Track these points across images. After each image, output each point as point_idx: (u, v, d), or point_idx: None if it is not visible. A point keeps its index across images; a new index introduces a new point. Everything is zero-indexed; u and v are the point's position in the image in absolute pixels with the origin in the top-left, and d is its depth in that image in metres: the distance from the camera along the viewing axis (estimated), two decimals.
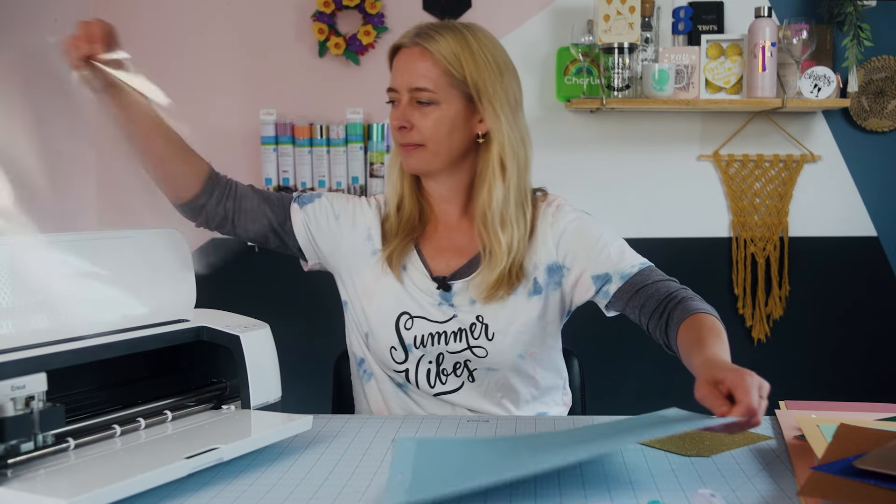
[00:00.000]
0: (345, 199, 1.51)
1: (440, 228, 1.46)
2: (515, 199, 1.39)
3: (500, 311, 1.39)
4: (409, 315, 1.41)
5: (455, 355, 1.40)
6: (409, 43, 1.37)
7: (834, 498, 0.84)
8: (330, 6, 2.64)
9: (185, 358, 1.23)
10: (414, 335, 1.40)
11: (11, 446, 0.90)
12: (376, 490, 0.94)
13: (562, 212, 1.44)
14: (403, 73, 1.37)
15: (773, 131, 2.69)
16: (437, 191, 1.45)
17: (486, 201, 1.38)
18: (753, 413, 0.96)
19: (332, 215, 1.47)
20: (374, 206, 1.50)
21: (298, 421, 1.10)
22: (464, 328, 1.39)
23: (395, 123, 1.38)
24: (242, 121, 2.74)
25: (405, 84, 1.37)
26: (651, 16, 2.59)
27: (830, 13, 2.59)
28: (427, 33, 1.36)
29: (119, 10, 2.73)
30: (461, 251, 1.44)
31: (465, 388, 1.41)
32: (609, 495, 0.92)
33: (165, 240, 1.27)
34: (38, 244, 1.08)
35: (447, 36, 1.36)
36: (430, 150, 1.38)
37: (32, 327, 1.04)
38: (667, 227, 2.72)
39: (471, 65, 1.35)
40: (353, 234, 1.46)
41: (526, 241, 1.41)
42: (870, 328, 2.72)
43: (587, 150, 2.70)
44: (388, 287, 1.42)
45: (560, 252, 1.42)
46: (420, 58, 1.36)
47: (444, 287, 1.40)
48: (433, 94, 1.35)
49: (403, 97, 1.37)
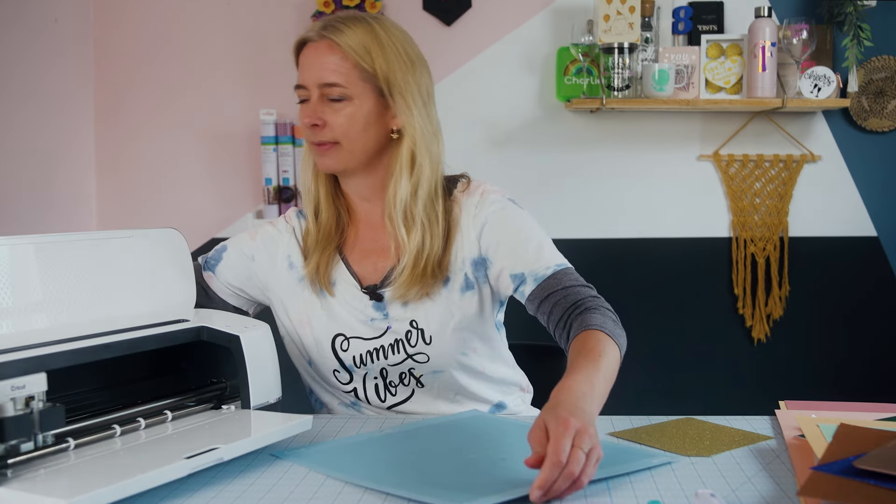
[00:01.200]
0: (249, 236, 1.45)
1: (363, 230, 1.41)
2: (426, 195, 1.34)
3: (432, 313, 1.34)
4: (344, 336, 1.36)
5: (397, 367, 1.36)
6: (316, 37, 1.32)
7: (834, 498, 0.84)
8: (330, 6, 2.64)
9: (185, 358, 1.23)
10: (352, 355, 1.36)
11: (11, 446, 0.90)
12: (376, 490, 0.94)
13: (486, 201, 1.37)
14: (311, 68, 1.31)
15: (773, 131, 2.69)
16: (356, 190, 1.40)
17: (392, 198, 1.33)
18: (557, 464, 0.87)
19: (246, 258, 1.43)
20: (286, 229, 1.44)
21: (298, 421, 1.10)
22: (399, 338, 1.35)
23: (306, 121, 1.32)
24: (242, 121, 2.74)
25: (314, 80, 1.31)
26: (651, 16, 2.59)
27: (830, 13, 2.59)
28: (334, 26, 1.31)
29: (119, 10, 2.73)
30: (387, 252, 1.38)
31: (416, 395, 1.38)
32: (609, 495, 0.92)
33: (165, 240, 1.26)
34: (38, 244, 1.07)
35: (355, 28, 1.31)
36: (346, 147, 1.32)
37: (32, 327, 1.04)
38: (667, 227, 2.72)
39: (380, 57, 1.31)
40: (273, 268, 1.42)
41: (440, 237, 1.35)
42: (870, 328, 2.72)
43: (587, 150, 2.70)
44: (318, 311, 1.37)
45: (483, 245, 1.36)
46: (328, 51, 1.30)
47: (377, 297, 1.36)
48: (344, 88, 1.30)
49: (313, 94, 1.31)
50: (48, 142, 2.54)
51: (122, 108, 2.77)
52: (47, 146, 2.54)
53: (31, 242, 1.07)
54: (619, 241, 2.72)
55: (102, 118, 2.79)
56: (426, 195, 1.34)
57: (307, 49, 1.33)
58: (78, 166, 2.72)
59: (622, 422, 1.21)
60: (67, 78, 2.65)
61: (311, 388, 1.47)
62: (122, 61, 2.76)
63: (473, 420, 1.24)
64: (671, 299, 2.71)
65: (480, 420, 1.24)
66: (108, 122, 2.78)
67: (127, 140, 2.78)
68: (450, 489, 0.93)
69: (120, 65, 2.76)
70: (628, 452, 1.07)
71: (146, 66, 2.77)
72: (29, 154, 2.45)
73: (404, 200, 1.33)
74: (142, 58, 2.77)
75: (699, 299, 2.72)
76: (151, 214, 2.77)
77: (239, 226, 2.72)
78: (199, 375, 1.22)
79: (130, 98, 2.77)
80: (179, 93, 2.77)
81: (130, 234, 1.22)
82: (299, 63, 1.35)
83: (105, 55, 2.76)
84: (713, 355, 2.70)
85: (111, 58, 2.76)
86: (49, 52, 2.53)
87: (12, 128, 2.38)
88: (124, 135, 2.78)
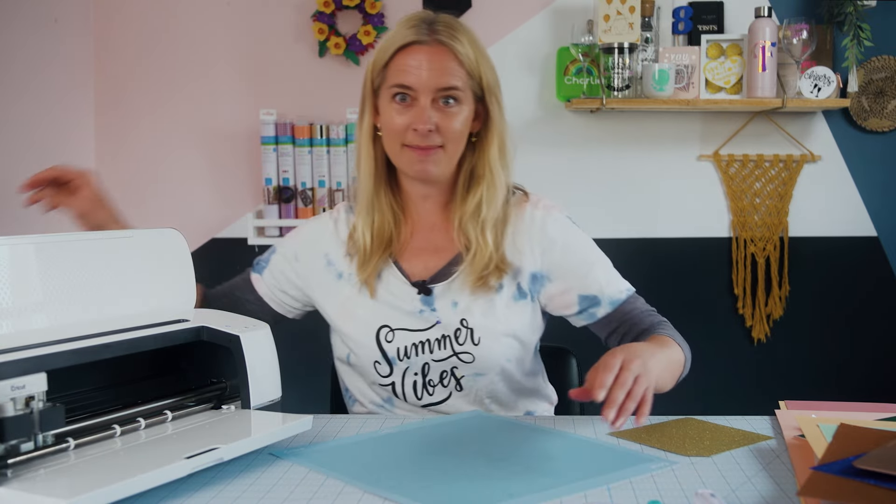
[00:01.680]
0: (295, 236, 1.48)
1: (415, 229, 1.42)
2: (503, 198, 1.38)
3: (485, 315, 1.35)
4: (390, 327, 1.36)
5: (441, 363, 1.36)
6: (429, 40, 1.31)
7: (834, 498, 0.84)
8: (330, 6, 2.64)
9: (185, 358, 1.23)
10: (396, 347, 1.36)
11: (11, 446, 0.90)
12: (377, 491, 0.94)
13: (550, 217, 1.40)
14: (428, 71, 1.30)
15: (773, 131, 2.69)
16: (422, 191, 1.40)
17: (482, 201, 1.35)
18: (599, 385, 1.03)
19: (291, 259, 1.45)
20: (330, 225, 1.45)
21: (298, 421, 1.10)
22: (447, 334, 1.35)
23: (421, 127, 1.30)
24: (242, 121, 2.74)
25: (430, 83, 1.30)
26: (651, 16, 2.59)
27: (830, 13, 2.59)
28: (445, 31, 1.32)
29: (119, 9, 2.74)
30: (439, 252, 1.39)
31: (452, 397, 1.38)
32: (609, 495, 0.92)
33: (165, 240, 1.26)
34: (38, 244, 1.07)
35: (465, 32, 1.33)
36: (448, 152, 1.33)
37: (32, 327, 1.04)
38: (667, 227, 2.72)
39: (483, 63, 1.34)
40: (315, 267, 1.44)
41: (502, 240, 1.37)
42: (870, 328, 2.72)
43: (587, 150, 2.70)
44: (363, 304, 1.38)
45: (546, 262, 1.38)
46: (445, 55, 1.31)
47: (425, 291, 1.36)
48: (460, 93, 1.32)
49: (424, 97, 1.30)
50: (48, 142, 2.54)
51: (122, 108, 2.77)
52: (47, 146, 2.54)
53: (31, 242, 1.07)
54: (619, 241, 2.71)
55: (102, 118, 2.79)
56: (503, 198, 1.37)
57: (416, 51, 1.31)
58: (78, 166, 2.72)
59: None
60: (67, 77, 2.65)
61: (347, 385, 1.47)
62: (121, 61, 2.76)
63: (474, 420, 1.24)
64: (671, 299, 2.70)
65: (481, 420, 1.24)
66: (107, 121, 2.78)
67: (127, 140, 2.78)
68: (449, 491, 0.93)
69: (120, 65, 2.76)
70: (627, 457, 1.07)
71: (146, 66, 2.77)
72: (29, 154, 2.45)
73: (492, 203, 1.35)
74: (141, 58, 2.77)
75: (699, 299, 2.72)
76: (151, 214, 2.76)
77: (239, 226, 2.72)
78: (199, 375, 1.22)
79: (130, 98, 2.77)
80: (179, 93, 2.77)
81: (130, 234, 1.22)
82: (401, 64, 1.31)
83: (105, 55, 2.76)
84: (713, 355, 2.70)
85: (111, 57, 2.76)
86: (49, 52, 2.53)
87: (12, 127, 2.38)
88: (124, 135, 2.78)
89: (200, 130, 2.77)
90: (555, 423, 1.25)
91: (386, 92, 1.34)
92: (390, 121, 1.33)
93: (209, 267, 2.74)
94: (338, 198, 2.66)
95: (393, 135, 1.34)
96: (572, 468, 1.01)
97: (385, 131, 1.36)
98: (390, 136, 1.34)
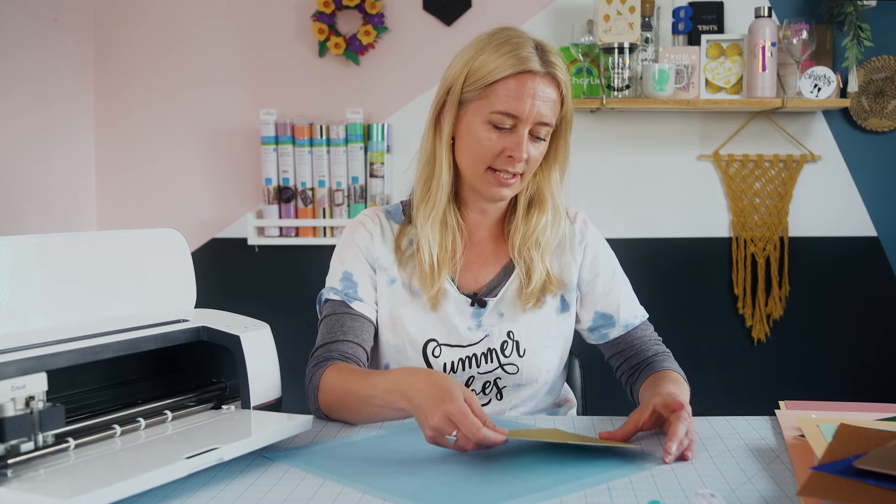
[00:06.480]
0: (355, 248, 1.40)
1: (467, 243, 1.41)
2: (563, 224, 1.41)
3: (531, 327, 1.37)
4: (437, 342, 1.36)
5: (485, 375, 1.37)
6: (542, 70, 1.27)
7: (834, 498, 0.84)
8: (330, 6, 2.64)
9: (185, 358, 1.23)
10: (443, 362, 1.35)
11: (11, 446, 0.90)
12: (376, 492, 0.94)
13: (589, 231, 1.45)
14: (532, 101, 1.26)
15: (773, 131, 2.69)
16: (481, 207, 1.40)
17: (547, 226, 1.37)
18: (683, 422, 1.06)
19: (370, 269, 1.39)
20: (376, 231, 1.41)
21: (298, 421, 1.10)
22: (493, 347, 1.36)
23: (518, 156, 1.28)
24: (242, 121, 2.74)
25: (534, 115, 1.27)
26: (651, 16, 2.59)
27: (830, 13, 2.59)
28: (557, 63, 1.30)
29: (119, 10, 2.74)
30: (488, 264, 1.41)
31: (490, 404, 1.39)
32: (609, 495, 0.92)
33: (165, 240, 1.27)
34: (38, 244, 1.07)
35: (563, 65, 1.31)
36: (524, 179, 1.34)
37: (32, 327, 1.04)
38: (667, 227, 2.72)
39: (569, 97, 1.33)
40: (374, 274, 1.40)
41: (555, 261, 1.41)
42: (870, 328, 2.72)
43: (587, 150, 2.70)
44: (412, 315, 1.36)
45: (582, 273, 1.43)
46: (555, 90, 1.29)
47: (480, 303, 1.37)
48: (551, 128, 1.32)
49: (524, 127, 1.27)
50: (48, 142, 2.54)
51: (122, 107, 2.78)
52: (47, 146, 2.54)
53: (31, 242, 1.07)
54: (619, 241, 2.70)
55: (102, 118, 2.79)
56: (563, 224, 1.41)
57: (529, 79, 1.27)
58: (78, 166, 2.72)
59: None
60: (67, 77, 2.65)
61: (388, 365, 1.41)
62: (122, 61, 2.76)
63: None
64: (671, 299, 2.71)
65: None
66: (107, 121, 2.79)
67: (127, 140, 2.78)
68: (449, 492, 0.93)
69: (120, 65, 2.76)
70: (625, 454, 1.07)
71: (146, 65, 2.77)
72: (29, 154, 2.45)
73: (551, 225, 1.38)
74: (142, 57, 2.77)
75: (699, 299, 2.72)
76: (151, 214, 2.77)
77: (239, 226, 2.72)
78: (199, 375, 1.22)
79: (130, 98, 2.77)
80: (179, 93, 2.77)
81: (130, 234, 1.22)
82: (511, 90, 1.27)
83: (105, 55, 2.76)
84: (713, 355, 2.70)
85: (111, 58, 2.76)
86: (49, 52, 2.53)
87: (12, 128, 2.38)
88: (124, 135, 2.78)
89: (200, 130, 2.77)
90: (555, 422, 1.25)
91: (483, 111, 1.28)
92: (482, 142, 1.29)
93: (209, 267, 2.75)
94: (338, 198, 2.66)
95: (482, 156, 1.30)
96: (572, 468, 1.01)
97: (471, 149, 1.31)
98: (477, 156, 1.31)
